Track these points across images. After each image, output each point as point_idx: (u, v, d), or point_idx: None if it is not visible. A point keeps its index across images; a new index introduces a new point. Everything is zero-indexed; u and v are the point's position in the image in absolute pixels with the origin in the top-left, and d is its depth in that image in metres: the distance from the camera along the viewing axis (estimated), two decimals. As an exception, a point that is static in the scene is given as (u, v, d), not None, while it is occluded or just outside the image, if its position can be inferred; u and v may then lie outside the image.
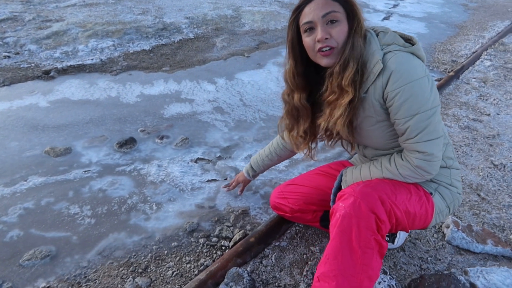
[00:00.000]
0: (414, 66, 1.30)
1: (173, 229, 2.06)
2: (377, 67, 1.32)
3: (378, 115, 1.40)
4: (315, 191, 1.86)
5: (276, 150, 2.02)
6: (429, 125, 1.32)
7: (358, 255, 1.30)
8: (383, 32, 1.40)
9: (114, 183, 2.37)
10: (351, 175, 1.60)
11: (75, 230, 2.03)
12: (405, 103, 1.30)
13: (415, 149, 1.36)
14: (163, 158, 2.60)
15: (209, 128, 2.94)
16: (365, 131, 1.48)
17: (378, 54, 1.33)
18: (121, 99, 3.27)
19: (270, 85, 3.61)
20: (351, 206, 1.31)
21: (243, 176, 2.19)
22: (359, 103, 1.41)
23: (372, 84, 1.35)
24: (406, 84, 1.28)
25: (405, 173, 1.42)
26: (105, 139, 2.77)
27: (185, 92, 3.42)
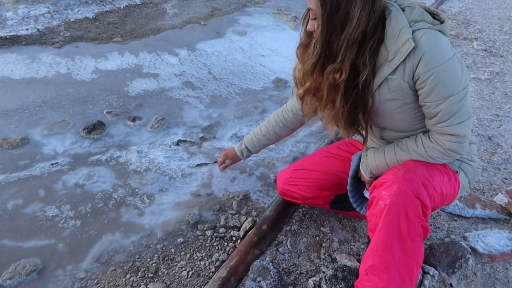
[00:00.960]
0: (444, 45, 1.22)
1: (174, 223, 1.87)
2: (406, 46, 1.20)
3: (406, 97, 1.31)
4: (328, 176, 1.76)
5: (275, 128, 1.86)
6: (462, 107, 1.26)
7: (408, 244, 1.25)
8: (410, 7, 1.28)
9: (91, 175, 2.08)
10: (374, 158, 1.51)
11: (60, 236, 1.75)
12: (437, 86, 1.22)
13: (447, 132, 1.30)
14: (141, 143, 2.33)
15: (183, 105, 2.69)
16: (387, 114, 1.39)
17: (407, 31, 1.21)
18: (74, 76, 2.86)
19: (236, 55, 3.40)
20: (397, 194, 1.23)
21: (234, 153, 1.99)
22: (381, 87, 1.31)
23: (401, 64, 1.24)
24: (439, 65, 1.20)
25: (434, 155, 1.37)
26: (67, 124, 2.40)
27: (146, 65, 3.09)
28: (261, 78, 3.12)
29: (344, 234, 1.93)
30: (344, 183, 1.78)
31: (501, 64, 4.04)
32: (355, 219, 2.01)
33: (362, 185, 1.64)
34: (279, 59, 3.43)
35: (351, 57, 1.25)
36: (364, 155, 1.56)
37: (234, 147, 2.00)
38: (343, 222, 1.99)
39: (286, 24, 4.10)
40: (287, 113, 1.80)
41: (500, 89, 3.50)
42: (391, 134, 1.51)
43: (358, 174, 1.62)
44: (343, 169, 1.74)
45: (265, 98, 2.87)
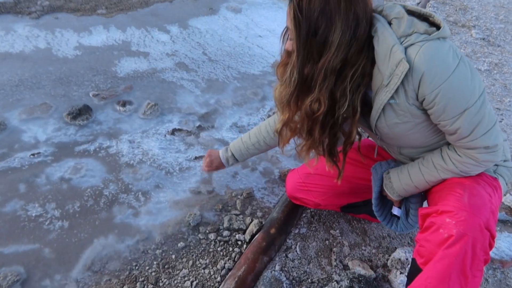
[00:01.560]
0: (445, 56, 1.04)
1: (173, 225, 1.70)
2: (401, 68, 1.05)
3: (417, 118, 1.17)
4: (344, 183, 1.59)
5: (266, 139, 1.69)
6: (483, 117, 1.10)
7: (468, 280, 1.11)
8: (397, 19, 1.10)
9: (78, 168, 1.87)
10: (399, 180, 1.38)
11: (45, 240, 1.56)
12: (448, 104, 1.07)
13: (474, 146, 1.15)
14: (133, 131, 2.12)
15: (177, 89, 2.47)
16: (400, 136, 1.26)
17: (398, 50, 1.05)
18: (54, 52, 2.58)
19: (232, 35, 3.17)
20: (465, 224, 1.09)
21: (219, 160, 1.81)
22: (385, 112, 1.18)
23: (400, 87, 1.09)
24: (443, 82, 1.03)
25: (466, 169, 1.23)
26: (49, 107, 2.16)
27: (135, 43, 2.83)
28: (260, 61, 2.91)
29: (354, 237, 1.81)
30: (361, 190, 1.65)
31: (499, 54, 3.97)
32: (364, 221, 1.90)
33: (389, 203, 1.51)
34: (277, 41, 3.20)
35: (330, 87, 1.11)
36: (387, 177, 1.43)
37: (218, 152, 1.82)
38: (352, 224, 1.87)
39: (283, 2, 3.86)
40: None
41: (499, 81, 3.42)
42: (410, 151, 1.37)
43: (383, 193, 1.49)
44: (361, 176, 1.60)
45: (264, 84, 2.68)
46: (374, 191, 1.48)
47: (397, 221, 1.49)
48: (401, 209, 1.47)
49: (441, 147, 1.29)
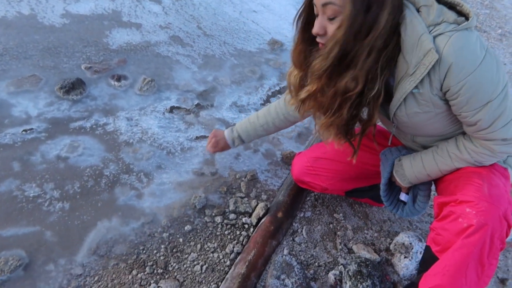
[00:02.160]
0: (474, 48, 1.03)
1: (178, 208, 1.66)
2: (429, 58, 1.03)
3: (438, 108, 1.16)
4: (352, 168, 1.58)
5: (275, 120, 1.65)
6: (504, 110, 1.11)
7: (485, 268, 1.14)
8: (426, 7, 1.08)
9: (75, 146, 1.78)
10: (411, 167, 1.38)
11: (46, 222, 1.49)
12: (472, 96, 1.07)
13: (493, 138, 1.16)
14: (130, 108, 2.03)
15: (173, 65, 2.37)
16: (418, 125, 1.25)
17: (427, 39, 1.03)
18: (40, 20, 2.40)
19: (226, 9, 3.05)
20: (486, 214, 1.10)
21: (224, 140, 1.76)
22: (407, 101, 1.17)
23: (426, 77, 1.08)
24: (470, 74, 1.03)
25: (481, 159, 1.24)
26: (38, 80, 2.02)
27: (126, 12, 2.67)
28: (256, 38, 2.83)
29: (357, 221, 1.83)
30: (368, 176, 1.65)
31: (485, 40, 4.03)
32: (365, 205, 1.92)
33: (396, 188, 1.52)
34: (272, 17, 3.14)
35: (369, 67, 1.07)
36: (398, 164, 1.42)
37: (223, 132, 1.76)
38: (354, 208, 1.89)
39: (275, -24, 3.74)
40: (290, 107, 1.59)
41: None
42: (425, 139, 1.37)
43: (392, 179, 1.49)
44: (370, 161, 1.59)
45: (262, 62, 2.61)
46: (383, 177, 1.48)
47: (403, 206, 1.51)
48: (409, 195, 1.48)
49: (456, 136, 1.30)
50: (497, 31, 4.35)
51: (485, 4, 4.92)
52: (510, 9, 5.13)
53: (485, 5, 4.91)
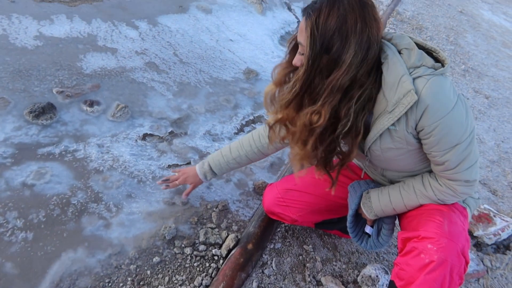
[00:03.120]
0: (448, 93, 1.13)
1: (147, 238, 1.63)
2: (408, 99, 1.11)
3: (410, 146, 1.24)
4: (322, 201, 1.64)
5: (248, 153, 1.67)
6: (469, 153, 1.21)
7: None
8: (407, 50, 1.17)
9: (42, 173, 1.73)
10: (378, 200, 1.43)
11: (6, 253, 1.43)
12: (443, 137, 1.15)
13: (457, 178, 1.25)
14: (102, 135, 2.01)
15: (148, 91, 2.38)
16: (390, 160, 1.32)
17: (407, 81, 1.11)
18: (11, 41, 2.37)
19: (203, 37, 3.10)
20: (446, 251, 1.16)
21: (196, 176, 1.75)
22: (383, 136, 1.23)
23: (403, 116, 1.15)
24: (443, 116, 1.12)
25: (444, 198, 1.32)
26: (7, 103, 1.98)
27: (102, 37, 2.67)
28: (231, 66, 2.88)
29: (326, 252, 1.86)
30: (337, 208, 1.69)
31: (450, 75, 4.24)
32: (335, 236, 1.95)
33: (362, 220, 1.56)
34: (248, 47, 3.20)
35: (333, 104, 1.14)
36: (366, 196, 1.48)
37: (194, 168, 1.75)
38: (324, 239, 1.92)
39: (252, 6, 3.85)
40: (264, 139, 1.62)
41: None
42: (394, 174, 1.45)
43: (359, 211, 1.53)
44: (339, 195, 1.64)
45: (236, 91, 2.65)
46: (351, 208, 1.52)
47: (368, 238, 1.55)
48: (373, 228, 1.53)
49: (423, 174, 1.37)
50: (460, 66, 4.60)
51: (450, 40, 5.21)
52: (473, 45, 5.44)
53: (450, 41, 5.19)
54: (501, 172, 3.07)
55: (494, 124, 3.73)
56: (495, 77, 4.73)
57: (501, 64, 5.22)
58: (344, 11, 1.08)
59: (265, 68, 3.00)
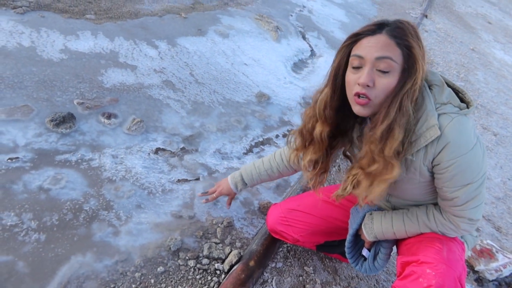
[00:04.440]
0: (469, 133, 1.18)
1: (153, 248, 1.69)
2: (431, 133, 1.16)
3: (422, 177, 1.29)
4: (324, 223, 1.70)
5: (279, 166, 1.75)
6: (478, 194, 1.25)
7: None
8: (438, 86, 1.22)
9: (58, 179, 1.81)
10: (380, 224, 1.48)
11: (20, 252, 1.50)
12: (457, 174, 1.20)
13: (461, 215, 1.30)
14: (117, 146, 2.09)
15: (163, 108, 2.48)
16: (399, 187, 1.36)
17: (433, 116, 1.16)
18: (39, 52, 2.50)
19: (219, 59, 3.22)
20: (444, 276, 1.20)
21: (228, 187, 1.83)
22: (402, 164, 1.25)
23: (423, 149, 1.20)
24: (461, 155, 1.17)
25: (445, 231, 1.37)
26: (30, 111, 2.08)
27: (123, 54, 2.80)
28: (244, 89, 2.98)
29: (326, 275, 1.88)
30: (338, 231, 1.73)
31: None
32: (336, 260, 1.98)
33: (360, 243, 1.60)
34: (262, 71, 3.32)
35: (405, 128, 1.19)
36: (369, 217, 1.52)
37: (226, 179, 1.84)
38: (325, 262, 1.95)
39: (268, 33, 3.99)
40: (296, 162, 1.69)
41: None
42: (399, 201, 1.49)
43: (359, 231, 1.58)
44: (341, 218, 1.69)
45: (248, 113, 2.74)
46: (351, 228, 1.57)
47: (363, 262, 1.59)
48: (371, 252, 1.56)
49: (428, 205, 1.42)
50: (469, 103, 4.65)
51: (460, 76, 5.29)
52: (483, 83, 5.51)
53: (461, 77, 5.27)
54: (506, 210, 3.08)
55: (501, 161, 3.75)
56: (504, 115, 4.77)
57: (511, 102, 5.27)
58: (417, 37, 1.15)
59: (276, 92, 3.09)
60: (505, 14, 11.05)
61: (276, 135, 2.67)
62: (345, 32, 5.00)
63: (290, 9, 4.86)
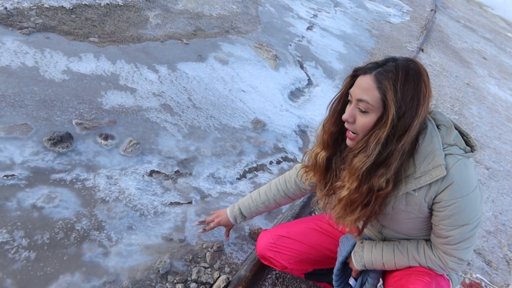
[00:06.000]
0: (471, 177, 1.24)
1: (142, 270, 1.70)
2: (437, 172, 1.21)
3: (421, 213, 1.33)
4: (312, 251, 1.72)
5: (276, 197, 1.79)
6: (471, 236, 1.30)
7: None
8: (445, 127, 1.28)
9: (52, 197, 1.84)
10: (370, 254, 1.51)
11: (8, 269, 1.51)
12: (456, 214, 1.25)
13: (452, 254, 1.34)
14: (112, 167, 2.13)
15: (160, 131, 2.52)
16: (396, 220, 1.40)
17: (440, 156, 1.21)
18: (41, 73, 2.57)
19: (217, 85, 3.30)
20: None
21: (227, 219, 1.86)
22: (399, 198, 1.32)
23: (426, 186, 1.25)
24: (462, 196, 1.22)
25: (433, 267, 1.41)
26: (29, 129, 2.13)
27: (124, 77, 2.87)
28: (241, 115, 3.05)
29: (314, 304, 1.88)
30: (326, 260, 1.75)
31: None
32: (324, 288, 1.98)
33: (348, 271, 1.62)
34: (259, 98, 3.39)
35: (397, 167, 1.23)
36: (360, 246, 1.55)
37: (225, 211, 1.87)
38: (313, 291, 1.95)
39: (267, 61, 4.09)
40: (290, 184, 1.74)
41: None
42: (392, 234, 1.52)
43: (347, 259, 1.60)
44: (329, 247, 1.72)
45: (243, 139, 2.79)
46: (341, 255, 1.59)
47: None
48: (357, 282, 1.58)
49: (419, 240, 1.45)
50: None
51: (454, 110, 5.39)
52: (477, 117, 5.61)
53: (455, 111, 5.37)
54: (497, 244, 3.09)
55: (493, 195, 3.79)
56: (497, 149, 4.84)
57: (504, 137, 5.35)
58: (417, 77, 1.17)
59: (272, 119, 3.16)
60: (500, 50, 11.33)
61: (270, 161, 2.71)
62: (343, 62, 5.13)
63: (289, 38, 4.99)
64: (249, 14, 5.15)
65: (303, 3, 6.95)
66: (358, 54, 5.79)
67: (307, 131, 3.26)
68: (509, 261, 2.90)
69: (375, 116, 1.22)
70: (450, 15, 12.40)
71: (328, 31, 6.21)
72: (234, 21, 4.73)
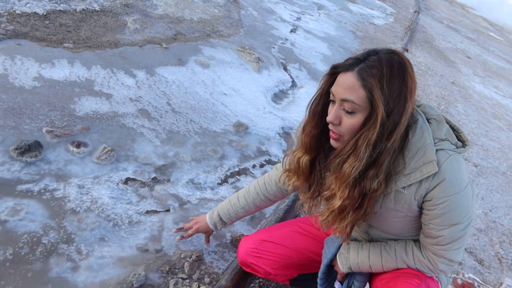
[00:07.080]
0: (463, 173, 1.17)
1: (114, 284, 1.59)
2: (429, 169, 1.14)
3: (410, 212, 1.26)
4: (296, 255, 1.63)
5: (255, 201, 1.69)
6: (462, 236, 1.23)
7: None
8: (436, 121, 1.21)
9: (17, 210, 1.72)
10: (356, 256, 1.42)
11: (-35, 290, 1.39)
12: (447, 213, 1.18)
13: (442, 255, 1.27)
14: (84, 176, 2.02)
15: (137, 137, 2.42)
16: (384, 219, 1.32)
17: (431, 151, 1.14)
18: (11, 80, 2.45)
19: (198, 89, 3.21)
20: None
21: (206, 226, 1.76)
22: (388, 196, 1.24)
23: (416, 183, 1.18)
24: (455, 194, 1.15)
25: (422, 269, 1.33)
26: (-5, 138, 2.01)
27: (99, 82, 2.77)
28: (222, 119, 2.96)
29: (300, 313, 1.79)
30: (311, 264, 1.66)
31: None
32: (311, 295, 1.89)
33: (334, 275, 1.54)
34: (241, 101, 3.30)
35: (388, 166, 1.15)
36: (346, 247, 1.46)
37: (204, 217, 1.77)
38: (299, 298, 1.85)
39: (249, 64, 4.02)
40: (270, 186, 1.65)
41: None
42: (379, 234, 1.44)
43: (333, 262, 1.51)
44: (314, 249, 1.63)
45: (225, 143, 2.70)
46: (326, 258, 1.51)
47: None
48: (343, 285, 1.50)
49: (407, 241, 1.37)
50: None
51: (441, 108, 5.37)
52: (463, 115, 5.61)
53: (441, 109, 5.35)
54: (488, 242, 3.04)
55: (482, 192, 3.75)
56: (484, 146, 4.82)
57: (491, 134, 5.35)
58: (402, 71, 1.10)
59: (255, 122, 3.07)
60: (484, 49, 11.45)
61: (253, 165, 2.62)
62: (327, 64, 5.07)
63: (272, 41, 4.93)
64: (231, 18, 5.08)
65: (286, 6, 6.91)
66: (343, 56, 5.75)
67: (291, 133, 3.18)
68: (501, 259, 2.84)
69: (362, 116, 1.14)
70: (433, 16, 12.52)
71: (312, 34, 6.17)
72: (216, 25, 4.65)
